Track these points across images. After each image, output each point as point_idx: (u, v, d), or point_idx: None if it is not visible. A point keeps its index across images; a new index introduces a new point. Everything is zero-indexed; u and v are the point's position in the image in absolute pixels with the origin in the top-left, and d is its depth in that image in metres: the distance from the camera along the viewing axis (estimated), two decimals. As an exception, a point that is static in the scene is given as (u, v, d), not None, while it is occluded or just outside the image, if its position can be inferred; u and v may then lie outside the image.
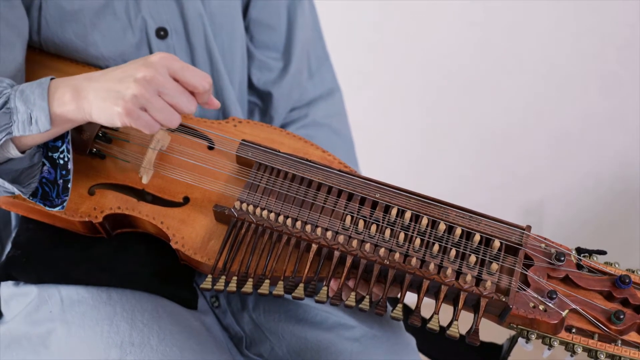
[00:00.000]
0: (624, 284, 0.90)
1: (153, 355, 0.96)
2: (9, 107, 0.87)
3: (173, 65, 0.87)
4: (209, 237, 0.98)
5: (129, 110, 0.84)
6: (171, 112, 0.87)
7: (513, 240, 0.93)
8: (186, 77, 0.87)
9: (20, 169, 0.93)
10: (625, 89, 2.05)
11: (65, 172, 0.94)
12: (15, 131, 0.87)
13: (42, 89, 0.88)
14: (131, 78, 0.85)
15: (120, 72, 0.87)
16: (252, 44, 1.27)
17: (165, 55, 0.87)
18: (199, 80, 0.88)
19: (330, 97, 1.34)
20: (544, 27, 1.98)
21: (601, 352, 0.88)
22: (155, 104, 0.85)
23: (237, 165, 1.02)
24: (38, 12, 1.04)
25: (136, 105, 0.85)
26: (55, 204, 0.95)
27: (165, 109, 0.86)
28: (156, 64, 0.85)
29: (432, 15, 1.94)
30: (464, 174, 2.19)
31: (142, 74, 0.84)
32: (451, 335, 0.87)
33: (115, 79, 0.86)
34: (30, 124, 0.87)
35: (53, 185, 0.96)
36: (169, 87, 0.86)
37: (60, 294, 1.03)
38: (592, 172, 2.18)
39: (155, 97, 0.85)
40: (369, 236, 0.93)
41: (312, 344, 1.11)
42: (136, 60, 0.88)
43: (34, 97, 0.87)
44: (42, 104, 0.87)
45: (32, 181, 0.95)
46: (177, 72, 0.87)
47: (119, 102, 0.84)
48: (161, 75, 0.85)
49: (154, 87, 0.85)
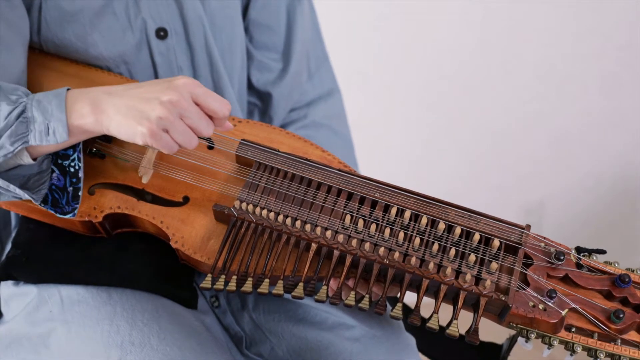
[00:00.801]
0: (623, 283, 0.90)
1: (153, 355, 0.97)
2: (26, 116, 0.89)
3: (196, 90, 0.90)
4: (209, 236, 0.98)
5: (153, 131, 0.88)
6: (191, 135, 0.90)
7: (513, 240, 0.93)
8: (208, 103, 0.90)
9: (28, 175, 0.95)
10: (625, 89, 2.05)
11: (76, 179, 0.96)
12: (32, 140, 0.90)
13: (60, 100, 0.90)
14: (157, 100, 0.87)
15: (144, 91, 0.90)
16: (251, 44, 1.27)
17: (189, 81, 0.89)
18: (219, 106, 0.91)
19: (329, 98, 1.34)
20: (544, 27, 1.98)
21: (601, 351, 0.88)
22: (177, 127, 0.89)
23: (236, 165, 1.02)
24: (38, 12, 1.05)
25: (160, 127, 0.88)
26: (66, 211, 0.97)
27: (186, 132, 0.90)
28: (181, 88, 0.88)
29: (432, 16, 1.94)
30: (464, 174, 2.19)
31: (168, 97, 0.87)
32: (451, 334, 0.87)
33: (139, 97, 0.89)
34: (47, 134, 0.90)
35: (62, 193, 0.97)
36: (192, 111, 0.89)
37: (60, 293, 1.03)
38: (592, 172, 2.19)
39: (178, 120, 0.89)
40: (368, 235, 0.93)
41: (312, 344, 1.11)
42: (160, 82, 0.91)
43: (51, 108, 0.89)
44: (60, 115, 0.89)
45: (41, 187, 0.96)
46: (199, 98, 0.90)
47: (143, 123, 0.87)
48: (185, 100, 0.88)
49: (177, 111, 0.88)
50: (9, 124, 0.89)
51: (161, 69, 1.13)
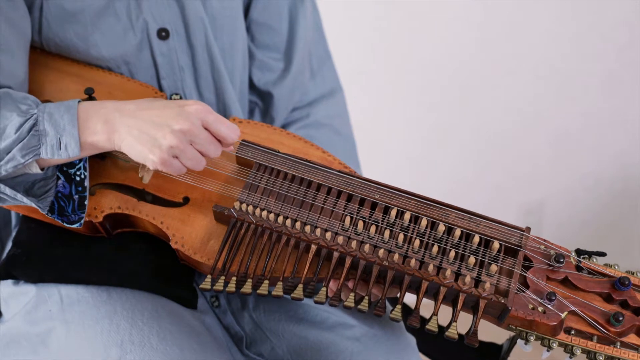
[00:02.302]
0: (623, 286, 0.90)
1: (153, 354, 0.97)
2: (38, 129, 0.91)
3: (207, 118, 0.92)
4: (209, 237, 0.98)
5: (164, 160, 0.91)
6: (200, 159, 0.93)
7: (512, 242, 0.93)
8: (219, 130, 0.93)
9: (33, 180, 0.96)
10: (625, 89, 2.05)
11: (82, 188, 0.97)
12: (44, 154, 0.91)
13: (72, 115, 0.91)
14: (168, 128, 0.89)
15: (156, 114, 0.91)
16: (253, 44, 1.27)
17: (201, 108, 0.91)
18: (229, 134, 0.94)
19: (331, 97, 1.34)
20: (543, 27, 1.98)
21: (600, 354, 0.88)
22: (187, 154, 0.91)
23: (237, 166, 1.02)
24: (39, 12, 1.05)
25: (170, 155, 0.90)
26: (72, 220, 0.97)
27: (195, 157, 0.92)
28: (193, 116, 0.90)
29: (433, 15, 1.94)
30: (464, 174, 2.19)
31: (180, 126, 0.89)
32: (450, 336, 0.87)
33: (151, 122, 0.90)
34: (59, 148, 0.91)
35: (68, 200, 0.98)
36: (202, 137, 0.91)
37: (60, 293, 1.03)
38: (592, 172, 2.18)
39: (188, 147, 0.91)
40: (368, 237, 0.93)
41: (312, 344, 1.11)
42: (172, 105, 0.92)
43: (63, 123, 0.91)
44: (73, 130, 0.91)
45: (47, 195, 0.96)
46: (210, 125, 0.92)
47: (155, 151, 0.90)
48: (196, 128, 0.90)
49: (187, 138, 0.90)
50: (21, 136, 0.90)
51: (162, 69, 1.13)
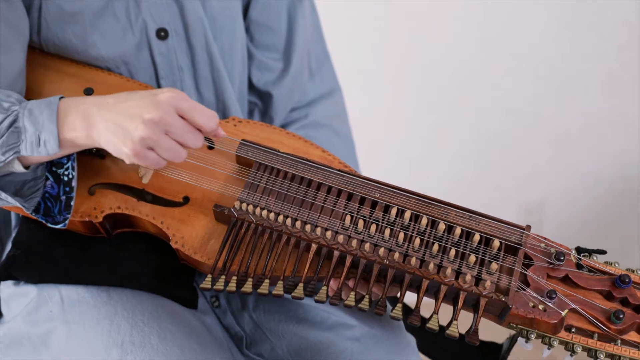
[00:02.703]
0: (623, 284, 0.90)
1: (154, 355, 0.97)
2: (17, 126, 0.89)
3: (181, 105, 0.88)
4: (209, 236, 0.98)
5: (137, 152, 0.87)
6: (178, 150, 0.89)
7: (513, 240, 0.93)
8: (194, 118, 0.89)
9: (23, 181, 0.95)
10: (625, 89, 2.05)
11: (69, 188, 0.96)
12: (23, 151, 0.89)
13: (51, 110, 0.89)
14: (140, 118, 0.86)
15: (130, 105, 0.88)
16: (252, 44, 1.27)
17: (174, 95, 0.88)
18: (206, 120, 0.90)
19: (330, 97, 1.34)
20: (544, 27, 1.98)
21: (601, 352, 0.88)
22: (162, 144, 0.87)
23: (237, 165, 1.02)
24: (38, 12, 1.05)
25: (144, 147, 0.87)
26: (57, 220, 0.96)
27: (172, 148, 0.88)
28: (164, 104, 0.87)
29: (433, 15, 1.94)
30: (464, 174, 2.19)
31: (150, 115, 0.86)
32: (450, 335, 0.87)
33: (125, 114, 0.87)
34: (38, 145, 0.89)
35: (55, 201, 0.97)
36: (176, 126, 0.88)
37: (61, 293, 1.03)
38: (592, 172, 2.18)
39: (162, 137, 0.87)
40: (368, 236, 0.93)
41: (312, 344, 1.11)
42: (146, 95, 0.89)
43: (42, 119, 0.89)
44: (51, 126, 0.89)
45: (35, 195, 0.96)
46: (185, 112, 0.89)
47: (127, 143, 0.87)
48: (169, 116, 0.87)
49: (161, 128, 0.87)
50: (0, 133, 0.88)
51: (162, 69, 1.13)
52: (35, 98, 1.06)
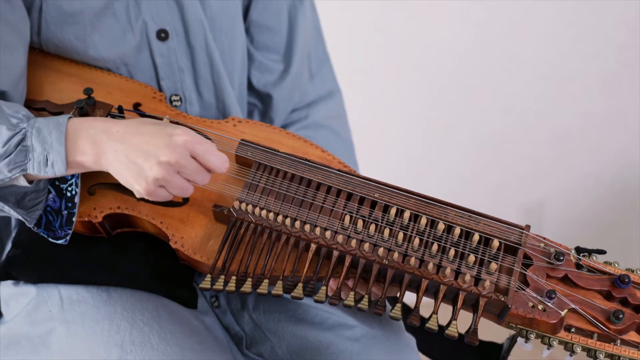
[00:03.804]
0: (623, 284, 0.90)
1: (154, 354, 0.97)
2: (25, 145, 0.89)
3: (196, 149, 0.89)
4: (208, 236, 0.98)
5: (150, 191, 0.89)
6: (187, 187, 0.91)
7: (512, 240, 0.93)
8: (207, 162, 0.90)
9: (24, 192, 0.95)
10: (625, 89, 2.05)
11: (71, 204, 0.96)
12: (30, 169, 0.90)
13: (60, 132, 0.89)
14: (155, 159, 0.87)
15: (143, 142, 0.88)
16: (252, 45, 1.27)
17: (190, 139, 0.88)
18: (218, 164, 0.91)
19: (330, 99, 1.34)
20: (544, 27, 1.98)
21: (600, 352, 0.88)
22: (173, 183, 0.89)
23: (236, 165, 1.02)
24: (38, 13, 1.05)
25: (156, 186, 0.89)
26: (59, 235, 0.97)
27: (182, 186, 0.90)
28: (180, 148, 0.88)
29: (432, 15, 1.94)
30: (463, 174, 2.19)
31: (167, 158, 0.87)
32: (450, 334, 0.87)
33: (139, 150, 0.88)
34: (45, 165, 0.90)
35: (57, 215, 0.97)
36: (190, 168, 0.89)
37: (60, 293, 1.03)
38: (592, 172, 2.18)
39: (174, 178, 0.89)
40: (367, 236, 0.93)
41: (312, 344, 1.11)
42: (160, 133, 0.89)
43: (51, 140, 0.89)
44: (60, 148, 0.89)
45: (36, 208, 0.96)
46: (198, 157, 0.90)
47: (140, 182, 0.88)
48: (184, 159, 0.88)
49: (175, 169, 0.88)
50: (8, 151, 0.89)
51: (162, 70, 1.13)
52: (36, 98, 1.06)
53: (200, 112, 1.18)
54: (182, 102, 1.16)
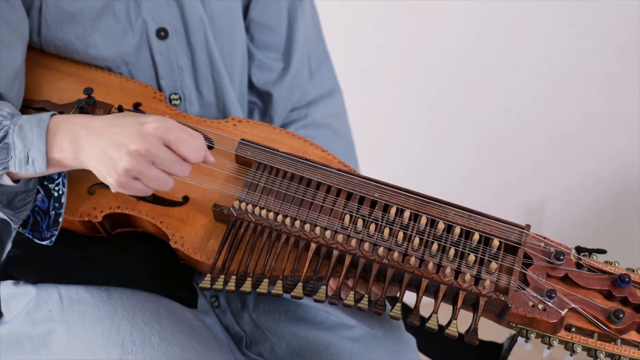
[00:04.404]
0: (623, 283, 0.90)
1: (154, 354, 0.97)
2: (7, 142, 0.88)
3: (167, 136, 0.85)
4: (208, 236, 0.98)
5: (121, 183, 0.86)
6: (164, 179, 0.87)
7: (512, 239, 0.93)
8: (180, 150, 0.87)
9: (15, 192, 0.94)
10: (625, 89, 2.05)
11: (59, 204, 0.95)
12: (12, 167, 0.88)
13: (41, 128, 0.88)
14: (125, 149, 0.84)
15: (117, 133, 0.86)
16: (252, 44, 1.27)
17: (160, 125, 0.85)
18: (192, 153, 0.87)
19: (330, 98, 1.34)
20: (544, 27, 1.98)
21: (601, 351, 0.88)
22: (147, 174, 0.86)
23: (236, 165, 1.02)
24: (38, 13, 1.05)
25: (128, 177, 0.85)
26: (45, 236, 0.96)
27: (158, 178, 0.87)
28: (150, 135, 0.84)
29: (432, 15, 1.94)
30: (463, 174, 2.19)
31: (136, 146, 0.84)
32: (450, 334, 0.87)
33: (112, 141, 0.85)
34: (27, 163, 0.88)
35: (45, 215, 0.96)
36: (162, 157, 0.86)
37: (60, 293, 1.03)
38: (592, 172, 2.18)
39: (148, 168, 0.85)
40: (367, 235, 0.93)
41: (312, 344, 1.11)
42: (132, 122, 0.86)
43: (32, 136, 0.88)
44: (40, 145, 0.87)
45: (25, 208, 0.95)
46: (171, 144, 0.86)
47: (111, 174, 0.85)
48: (154, 148, 0.85)
49: (146, 159, 0.85)
50: None
51: (162, 69, 1.13)
52: (35, 98, 1.06)
53: (200, 111, 1.18)
54: (182, 101, 1.16)
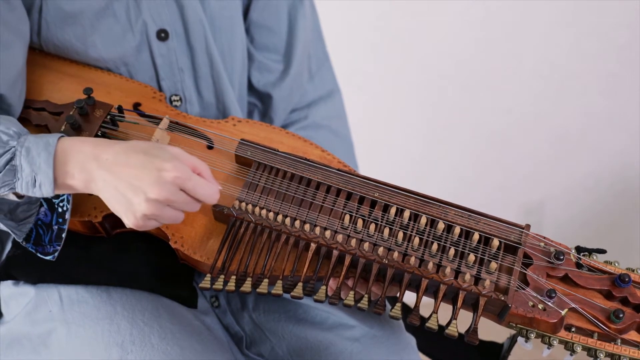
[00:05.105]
0: (623, 283, 0.90)
1: (154, 354, 0.97)
2: (14, 164, 0.88)
3: (186, 185, 0.87)
4: (208, 236, 0.98)
5: (139, 225, 0.88)
6: (177, 216, 0.90)
7: (512, 239, 0.93)
8: (197, 195, 0.88)
9: (16, 203, 0.94)
10: (625, 89, 2.05)
11: (62, 220, 0.95)
12: (19, 188, 0.89)
13: (49, 153, 0.88)
14: (144, 195, 0.85)
15: (132, 175, 0.86)
16: (252, 45, 1.27)
17: (179, 176, 0.86)
18: (208, 197, 0.89)
19: (330, 99, 1.34)
20: (544, 27, 1.98)
21: (601, 351, 0.88)
22: (163, 216, 0.88)
23: (236, 165, 1.02)
24: (38, 13, 1.05)
25: (145, 220, 0.87)
26: (47, 251, 0.96)
27: (172, 217, 0.89)
28: (169, 185, 0.86)
29: (432, 15, 1.94)
30: (464, 174, 2.19)
31: (155, 195, 0.85)
32: (450, 334, 0.87)
33: (128, 183, 0.86)
34: (34, 186, 0.88)
35: (47, 229, 0.97)
36: (179, 201, 0.88)
37: (60, 293, 1.03)
38: (592, 172, 2.18)
39: (164, 211, 0.87)
40: (367, 235, 0.93)
41: (312, 344, 1.11)
42: (148, 163, 0.86)
43: (39, 161, 0.88)
44: (48, 170, 0.88)
45: (28, 220, 0.96)
46: (189, 190, 0.88)
47: (129, 216, 0.87)
48: (173, 195, 0.86)
49: (164, 204, 0.87)
50: None
51: (162, 70, 1.13)
52: (35, 98, 1.06)
53: (200, 112, 1.18)
54: (182, 102, 1.16)
